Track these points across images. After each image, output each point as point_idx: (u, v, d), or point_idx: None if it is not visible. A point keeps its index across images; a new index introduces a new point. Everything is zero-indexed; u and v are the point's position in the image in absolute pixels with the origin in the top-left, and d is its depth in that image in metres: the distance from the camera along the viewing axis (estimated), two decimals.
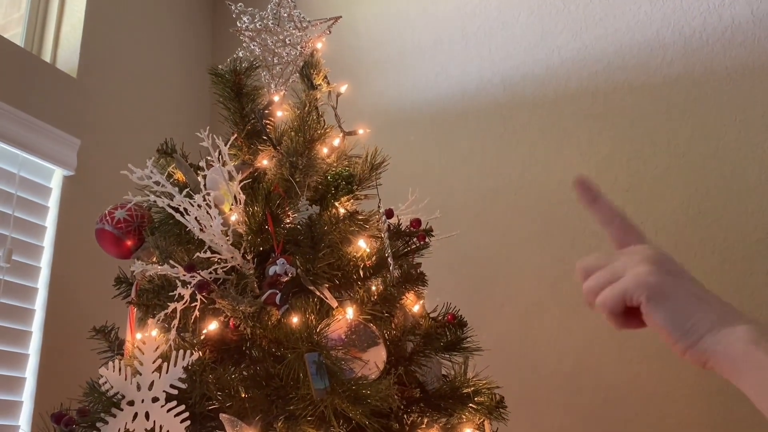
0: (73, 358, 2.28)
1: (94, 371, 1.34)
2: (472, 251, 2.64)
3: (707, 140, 2.39)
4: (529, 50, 2.79)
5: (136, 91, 2.93)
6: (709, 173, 2.36)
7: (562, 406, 2.37)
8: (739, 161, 2.32)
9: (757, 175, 2.28)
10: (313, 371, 1.07)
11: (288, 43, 1.64)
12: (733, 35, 2.43)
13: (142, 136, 2.84)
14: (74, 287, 2.39)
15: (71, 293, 2.37)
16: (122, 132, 2.77)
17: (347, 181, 1.49)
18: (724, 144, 2.36)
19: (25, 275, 2.28)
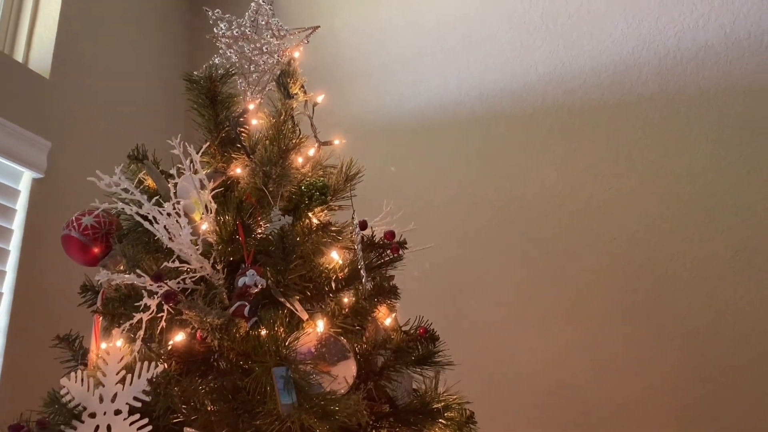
0: (37, 365, 2.22)
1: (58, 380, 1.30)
2: (447, 264, 2.64)
3: (680, 158, 2.42)
4: (508, 65, 2.81)
5: (110, 94, 2.88)
6: (682, 191, 2.39)
7: (538, 421, 2.37)
8: (711, 180, 2.35)
9: (728, 194, 2.31)
10: (281, 386, 1.05)
11: (265, 51, 1.62)
12: (706, 56, 2.47)
13: (115, 140, 2.79)
14: (40, 293, 2.33)
15: (37, 299, 2.32)
16: (94, 135, 2.73)
17: (321, 191, 1.48)
18: (697, 162, 2.39)
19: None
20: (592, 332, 2.38)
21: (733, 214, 2.29)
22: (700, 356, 2.22)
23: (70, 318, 1.60)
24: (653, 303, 2.32)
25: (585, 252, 2.47)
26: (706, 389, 2.19)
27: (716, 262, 2.28)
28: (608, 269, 2.41)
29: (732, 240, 2.27)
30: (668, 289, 2.32)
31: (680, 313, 2.28)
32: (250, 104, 1.55)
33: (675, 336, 2.27)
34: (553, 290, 2.48)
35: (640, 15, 2.61)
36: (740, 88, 2.39)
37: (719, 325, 2.22)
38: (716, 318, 2.23)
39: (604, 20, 2.67)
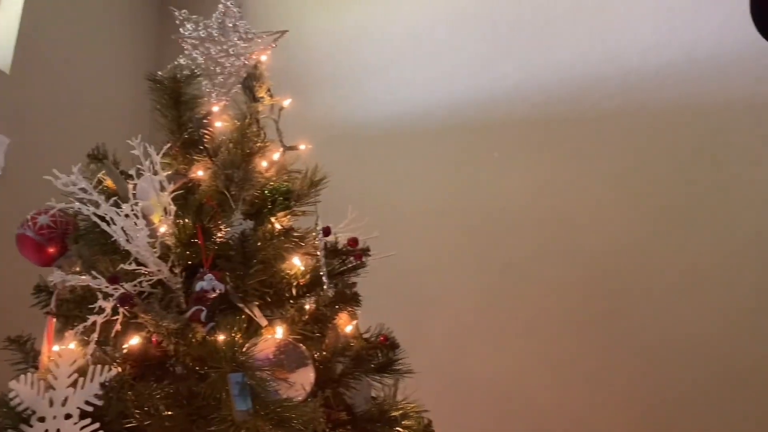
0: None
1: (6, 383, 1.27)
2: (409, 273, 2.64)
3: (641, 173, 2.47)
4: (475, 76, 2.83)
5: (72, 92, 2.82)
6: (641, 206, 2.44)
7: (493, 430, 2.39)
8: (668, 197, 2.41)
9: (685, 211, 2.37)
10: (236, 392, 1.04)
11: (231, 54, 1.61)
12: (667, 74, 2.53)
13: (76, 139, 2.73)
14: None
15: None
16: (55, 133, 2.67)
17: (285, 196, 1.47)
18: (658, 177, 2.44)
19: None
20: (548, 343, 2.41)
21: (688, 231, 2.35)
22: (653, 368, 2.27)
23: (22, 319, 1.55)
24: (609, 316, 2.36)
25: (545, 264, 2.50)
26: (657, 400, 2.23)
27: (671, 277, 2.33)
28: (566, 282, 2.45)
29: (687, 256, 2.32)
30: (623, 303, 2.36)
31: (634, 326, 2.32)
32: (215, 106, 1.53)
33: (628, 348, 2.31)
34: (512, 301, 2.50)
35: (606, 32, 2.67)
36: (699, 106, 2.45)
37: (671, 338, 2.27)
38: (669, 332, 2.28)
39: (571, 36, 2.72)
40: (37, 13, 2.69)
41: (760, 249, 2.23)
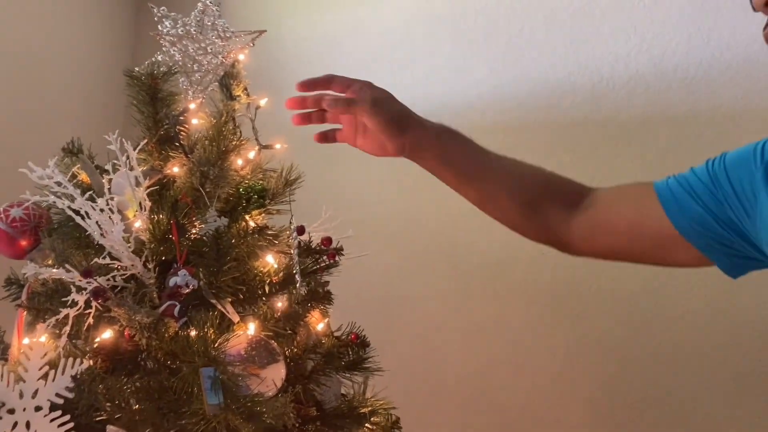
0: None
1: None
2: (380, 272, 2.68)
3: (608, 179, 2.51)
4: (449, 82, 2.87)
5: (46, 86, 2.80)
6: None
7: (461, 426, 2.43)
8: None
9: None
10: (208, 386, 1.06)
11: (209, 52, 1.62)
12: (636, 84, 2.60)
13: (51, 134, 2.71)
14: None
15: None
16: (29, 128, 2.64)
17: (259, 194, 1.49)
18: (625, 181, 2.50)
19: None
20: (516, 344, 2.46)
21: None
22: (619, 370, 2.33)
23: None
24: (576, 318, 2.42)
25: (513, 266, 2.55)
26: (623, 402, 2.29)
27: (637, 279, 2.39)
28: (534, 283, 2.50)
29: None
30: (591, 305, 2.42)
31: (601, 328, 2.38)
32: (191, 103, 1.54)
33: (595, 350, 2.37)
34: (480, 303, 2.55)
35: (578, 41, 2.72)
36: (666, 117, 2.52)
37: (638, 340, 2.33)
38: (635, 333, 2.34)
39: (544, 44, 2.77)
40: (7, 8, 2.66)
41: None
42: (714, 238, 0.98)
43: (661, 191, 1.06)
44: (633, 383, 2.30)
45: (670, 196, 1.03)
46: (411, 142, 1.25)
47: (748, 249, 0.96)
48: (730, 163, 1.00)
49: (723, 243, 0.98)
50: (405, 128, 1.24)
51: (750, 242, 0.95)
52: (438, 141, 1.29)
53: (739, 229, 0.95)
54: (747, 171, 0.95)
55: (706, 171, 1.02)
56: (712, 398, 2.21)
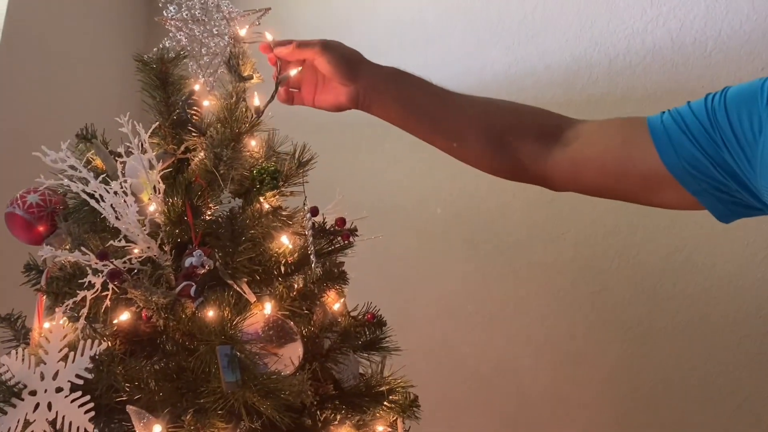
0: None
1: None
2: (398, 253, 2.68)
3: None
4: (463, 62, 2.85)
5: (61, 73, 2.82)
6: None
7: (479, 408, 2.43)
8: None
9: None
10: (224, 364, 1.06)
11: (216, 34, 1.62)
12: (653, 59, 2.56)
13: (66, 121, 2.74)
14: None
15: None
16: (45, 115, 2.67)
17: (272, 176, 1.48)
18: None
19: None
20: (536, 324, 2.45)
21: (674, 213, 2.38)
22: (639, 350, 2.31)
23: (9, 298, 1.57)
24: (596, 297, 2.40)
25: (532, 246, 2.53)
26: (642, 380, 2.27)
27: (658, 257, 2.36)
28: (554, 263, 2.48)
29: (674, 236, 2.36)
30: (610, 284, 2.40)
31: (620, 307, 2.36)
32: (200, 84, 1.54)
33: (615, 330, 2.35)
34: (499, 283, 2.54)
35: (593, 17, 2.69)
36: (684, 91, 2.48)
37: (658, 318, 2.31)
38: (655, 312, 2.32)
39: (559, 21, 2.73)
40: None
41: (743, 228, 2.26)
42: (709, 182, 0.91)
43: (655, 128, 0.96)
44: (656, 360, 2.27)
45: (664, 133, 0.94)
46: (365, 85, 1.21)
47: (746, 196, 0.89)
48: (731, 100, 0.89)
49: (718, 188, 0.91)
50: (357, 70, 1.22)
51: (748, 189, 0.88)
52: (394, 82, 1.24)
53: (737, 175, 0.88)
54: (750, 110, 0.85)
55: (704, 108, 0.92)
56: (736, 373, 2.18)
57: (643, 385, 2.27)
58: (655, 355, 2.28)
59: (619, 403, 2.28)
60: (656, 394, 2.25)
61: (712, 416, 2.17)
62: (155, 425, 1.08)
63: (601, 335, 2.36)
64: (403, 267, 2.69)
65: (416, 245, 2.70)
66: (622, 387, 2.29)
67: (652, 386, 2.26)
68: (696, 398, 2.20)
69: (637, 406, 2.26)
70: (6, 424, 1.11)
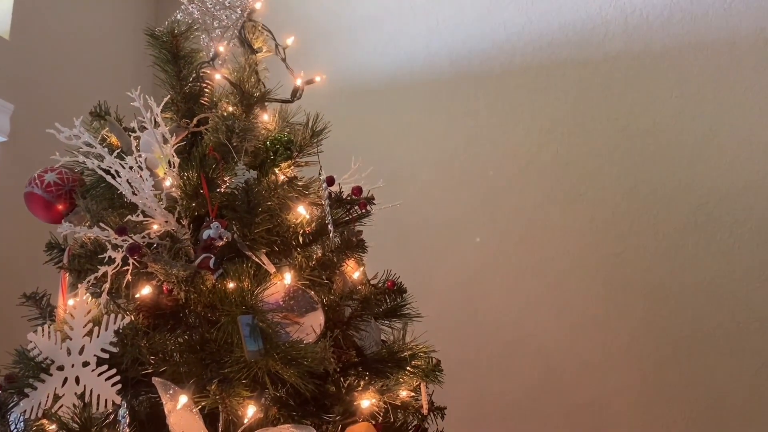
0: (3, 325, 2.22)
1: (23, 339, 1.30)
2: (417, 221, 2.67)
3: (645, 115, 2.46)
4: (476, 24, 2.80)
5: (73, 54, 2.82)
6: (646, 147, 2.43)
7: (503, 371, 2.44)
8: (675, 136, 2.39)
9: (692, 148, 2.36)
10: (246, 333, 1.07)
11: (227, 6, 1.60)
12: (671, 13, 2.49)
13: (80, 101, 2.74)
14: (6, 255, 2.31)
15: (2, 261, 2.29)
16: (58, 96, 2.67)
17: (286, 146, 1.48)
18: (662, 119, 2.42)
19: None
20: (556, 287, 2.43)
21: (696, 169, 2.34)
22: (662, 310, 2.29)
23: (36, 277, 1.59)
24: (616, 258, 2.38)
25: (551, 209, 2.51)
26: (665, 339, 2.26)
27: (679, 216, 2.33)
28: (573, 226, 2.46)
29: (695, 194, 2.32)
30: (631, 245, 2.37)
31: (643, 267, 2.34)
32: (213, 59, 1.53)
33: (637, 291, 2.33)
34: (519, 246, 2.52)
35: None
36: (704, 44, 2.42)
37: (680, 278, 2.28)
38: (677, 272, 2.29)
39: None
40: None
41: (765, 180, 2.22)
42: None
43: None
44: (679, 319, 2.26)
45: None
46: None
47: None
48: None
49: None
50: None
51: None
52: None
53: None
54: None
55: None
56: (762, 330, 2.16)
57: (666, 344, 2.26)
58: (679, 314, 2.26)
59: (643, 363, 2.27)
60: (680, 352, 2.23)
61: (737, 374, 2.15)
62: (181, 396, 1.09)
63: (623, 296, 2.34)
64: (422, 235, 2.68)
65: (434, 212, 2.69)
66: (646, 347, 2.28)
67: (676, 345, 2.24)
68: (720, 356, 2.18)
69: (661, 366, 2.25)
70: (36, 398, 1.13)
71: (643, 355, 2.28)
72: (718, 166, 2.31)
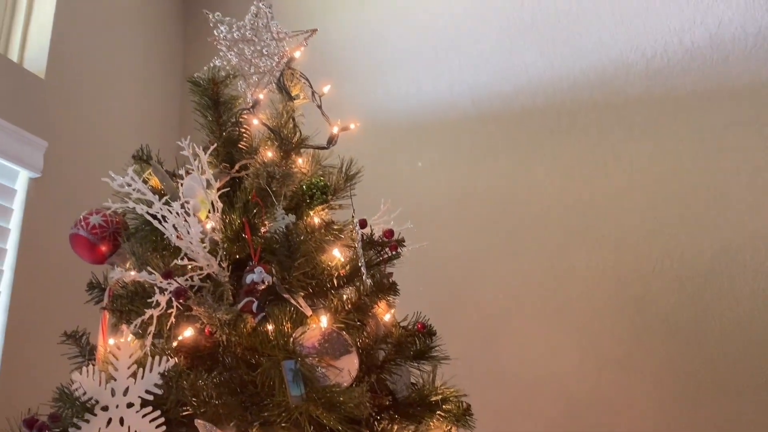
0: (35, 362, 2.25)
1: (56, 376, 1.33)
2: (439, 260, 2.69)
3: (666, 158, 2.49)
4: (498, 66, 2.86)
5: (104, 93, 2.90)
6: (667, 190, 2.45)
7: (526, 413, 2.43)
8: (694, 179, 2.42)
9: (715, 191, 2.38)
10: (290, 378, 1.09)
11: (265, 54, 1.66)
12: (692, 57, 2.54)
13: (110, 139, 2.82)
14: (37, 291, 2.35)
15: (34, 297, 2.33)
16: (89, 134, 2.74)
17: (322, 191, 1.52)
18: (682, 162, 2.45)
19: None
20: (579, 328, 2.44)
21: (718, 212, 2.36)
22: (684, 351, 2.29)
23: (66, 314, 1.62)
24: (640, 300, 2.39)
25: (574, 249, 2.52)
26: (688, 383, 2.25)
27: (702, 259, 2.34)
28: (596, 266, 2.47)
29: (717, 237, 2.34)
30: (654, 286, 2.38)
31: (666, 309, 2.34)
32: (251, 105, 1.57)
33: (660, 332, 2.33)
34: (542, 287, 2.53)
35: (628, 17, 2.67)
36: (725, 89, 2.46)
37: (703, 321, 2.29)
38: (700, 314, 2.30)
39: (593, 22, 2.73)
40: (67, 20, 2.76)
41: None
42: None
43: None
44: (703, 361, 2.25)
45: None
46: None
47: None
48: None
49: None
50: None
51: None
52: None
53: None
54: None
55: None
56: None
57: (691, 387, 2.25)
58: (703, 357, 2.26)
59: (668, 407, 2.26)
60: (705, 396, 2.23)
61: (764, 418, 2.14)
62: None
63: (647, 339, 2.34)
64: (443, 275, 2.70)
65: (456, 251, 2.71)
66: (671, 390, 2.28)
67: (700, 388, 2.24)
68: (746, 400, 2.17)
69: (686, 409, 2.24)
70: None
71: (667, 399, 2.27)
72: (741, 209, 2.32)
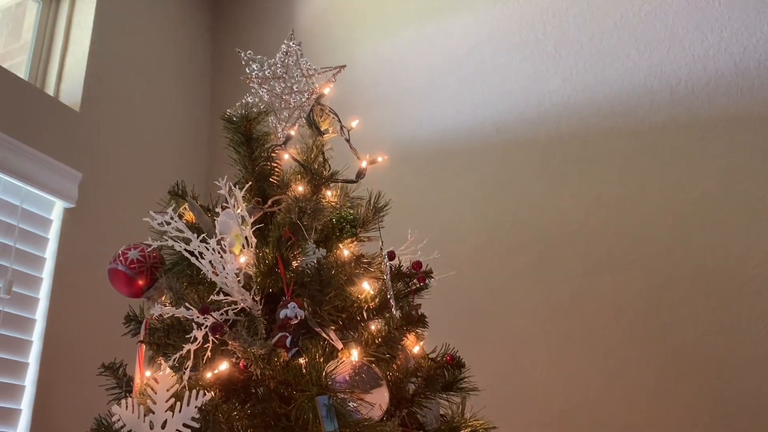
0: (69, 391, 2.30)
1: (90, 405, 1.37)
2: (464, 289, 2.69)
3: (693, 185, 2.48)
4: (521, 94, 2.88)
5: (136, 126, 2.98)
6: (696, 216, 2.44)
7: None
8: (725, 205, 2.41)
9: (743, 217, 2.36)
10: (324, 413, 1.11)
11: (295, 90, 1.70)
12: (717, 85, 2.54)
13: (142, 171, 2.89)
14: (72, 319, 2.41)
15: (68, 325, 2.39)
16: (122, 166, 2.82)
17: (351, 224, 1.55)
18: (710, 188, 2.45)
19: (24, 307, 2.29)
20: (608, 357, 2.42)
21: (747, 240, 2.34)
22: (716, 381, 2.26)
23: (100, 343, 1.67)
24: (668, 328, 2.37)
25: (601, 277, 2.52)
26: (721, 414, 2.22)
27: (732, 286, 2.32)
28: (623, 294, 2.46)
29: (747, 265, 2.32)
30: (683, 315, 2.36)
31: (695, 338, 2.32)
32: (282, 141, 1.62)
33: (690, 362, 2.31)
34: (569, 315, 2.53)
35: (652, 45, 2.69)
36: (751, 116, 2.45)
37: (734, 350, 2.26)
38: (731, 343, 2.27)
39: (616, 50, 2.75)
40: (102, 54, 2.86)
41: None
42: None
43: None
44: (735, 391, 2.23)
45: None
46: None
47: None
48: None
49: None
50: None
51: None
52: None
53: None
54: None
55: None
56: None
57: (722, 416, 2.22)
58: (734, 387, 2.23)
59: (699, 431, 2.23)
60: (736, 426, 2.20)
61: None
62: None
63: (676, 368, 2.32)
64: (469, 302, 2.71)
65: (482, 280, 2.72)
66: (701, 419, 2.25)
67: (733, 418, 2.21)
68: None
69: None
70: None
71: (698, 428, 2.24)
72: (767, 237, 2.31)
